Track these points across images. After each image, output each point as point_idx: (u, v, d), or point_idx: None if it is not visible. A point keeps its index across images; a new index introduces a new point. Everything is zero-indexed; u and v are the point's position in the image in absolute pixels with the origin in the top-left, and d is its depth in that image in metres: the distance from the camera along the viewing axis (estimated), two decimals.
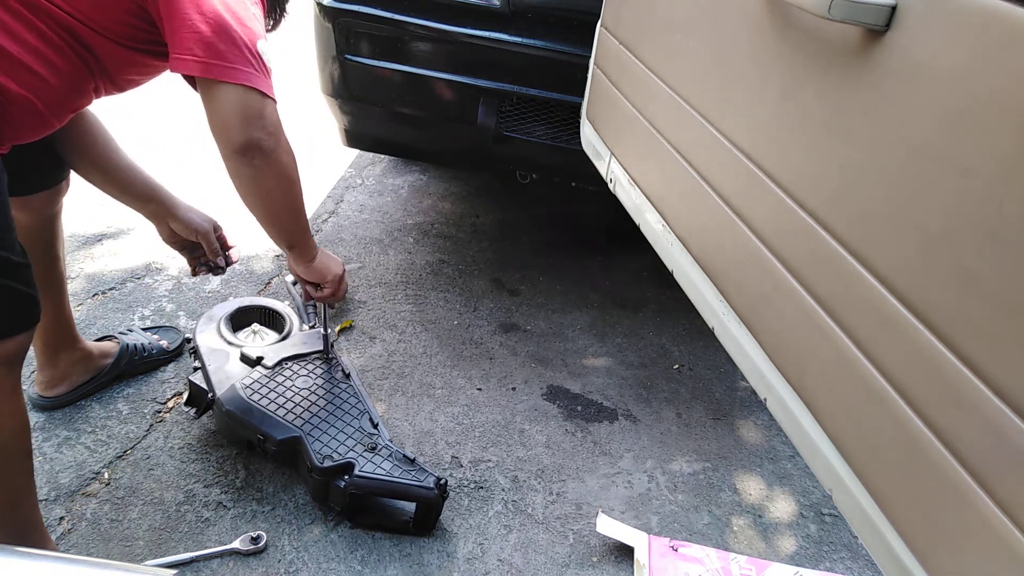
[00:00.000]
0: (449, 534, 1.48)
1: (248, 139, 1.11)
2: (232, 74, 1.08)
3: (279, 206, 1.26)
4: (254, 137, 1.12)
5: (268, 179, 1.18)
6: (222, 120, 1.11)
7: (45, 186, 1.42)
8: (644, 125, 1.31)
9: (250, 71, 1.09)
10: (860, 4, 0.70)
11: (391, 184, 2.97)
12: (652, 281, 2.48)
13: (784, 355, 0.89)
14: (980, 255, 0.60)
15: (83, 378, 1.67)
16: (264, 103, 1.12)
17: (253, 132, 1.11)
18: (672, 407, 1.93)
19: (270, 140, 1.14)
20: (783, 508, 1.65)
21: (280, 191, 1.22)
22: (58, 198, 1.48)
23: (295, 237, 1.35)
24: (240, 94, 1.09)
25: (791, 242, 0.87)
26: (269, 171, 1.17)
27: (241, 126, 1.11)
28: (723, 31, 1.04)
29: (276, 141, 1.15)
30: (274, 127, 1.14)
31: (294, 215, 1.30)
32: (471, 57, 1.93)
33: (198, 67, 1.07)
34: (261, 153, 1.13)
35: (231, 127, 1.11)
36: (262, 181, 1.18)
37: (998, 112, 0.58)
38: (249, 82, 1.09)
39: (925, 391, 0.65)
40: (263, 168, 1.15)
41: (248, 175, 1.16)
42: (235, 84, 1.08)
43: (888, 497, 0.71)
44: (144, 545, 1.37)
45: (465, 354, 2.03)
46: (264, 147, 1.13)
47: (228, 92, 1.08)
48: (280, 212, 1.27)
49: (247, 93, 1.09)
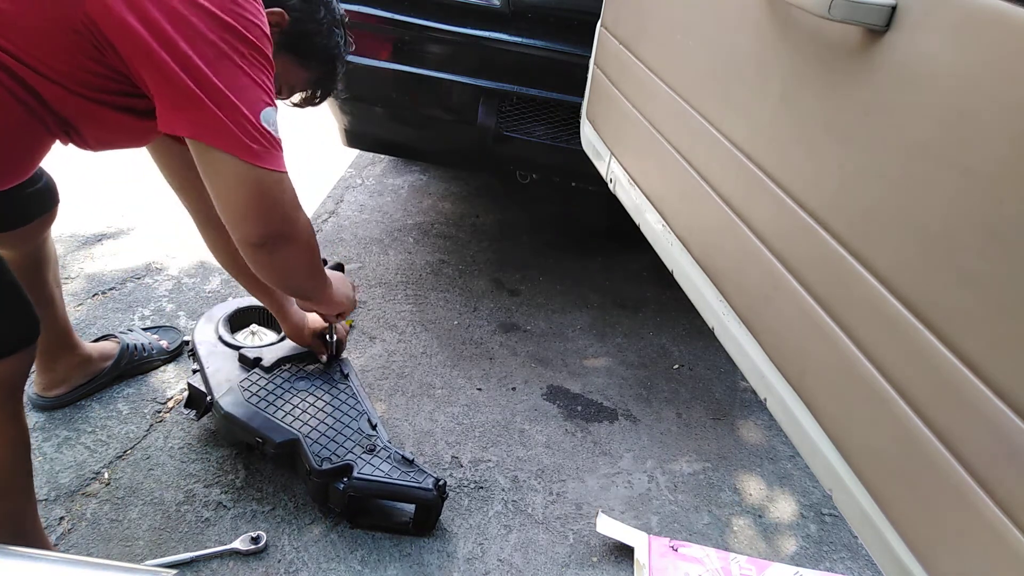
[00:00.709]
0: (449, 534, 1.48)
1: (266, 231, 0.99)
2: (231, 145, 0.93)
3: (300, 278, 1.17)
4: (272, 229, 1.00)
5: (288, 262, 1.07)
6: (231, 204, 0.97)
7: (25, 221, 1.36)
8: (644, 125, 1.31)
9: (252, 146, 0.94)
10: (860, 4, 0.70)
11: (391, 184, 2.97)
12: (652, 281, 2.48)
13: (784, 355, 0.89)
14: (980, 255, 0.60)
15: (83, 379, 1.67)
16: (278, 183, 0.98)
17: (271, 224, 0.99)
18: (672, 407, 1.93)
19: (288, 226, 1.02)
20: (783, 508, 1.65)
21: (302, 267, 1.12)
22: (43, 229, 1.43)
23: (313, 294, 1.28)
24: (247, 172, 0.94)
25: (791, 242, 0.87)
26: (289, 255, 1.06)
27: (256, 216, 0.98)
28: (723, 31, 1.04)
29: (294, 223, 1.03)
30: (292, 209, 1.02)
31: (313, 280, 1.22)
32: (471, 57, 1.93)
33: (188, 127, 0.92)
34: (282, 240, 1.02)
35: (245, 217, 0.98)
36: (282, 265, 1.08)
37: (998, 112, 0.58)
38: (254, 160, 0.94)
39: (925, 391, 0.65)
40: (283, 254, 1.04)
41: (266, 263, 1.05)
42: (238, 159, 0.93)
43: (888, 497, 0.71)
44: (144, 545, 1.37)
45: (465, 354, 2.03)
46: (284, 234, 1.02)
47: (231, 167, 0.94)
48: (302, 283, 1.20)
49: (255, 172, 0.95)
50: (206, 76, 0.89)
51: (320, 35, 1.20)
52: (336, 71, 1.28)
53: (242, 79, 0.93)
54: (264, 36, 0.98)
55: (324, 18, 1.20)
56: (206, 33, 0.90)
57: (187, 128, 0.92)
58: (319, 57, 1.22)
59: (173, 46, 0.88)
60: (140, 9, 0.87)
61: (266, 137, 0.95)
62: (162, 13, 0.88)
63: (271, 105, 0.97)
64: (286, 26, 1.13)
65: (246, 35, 0.94)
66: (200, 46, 0.89)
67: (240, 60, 0.93)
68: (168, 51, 0.88)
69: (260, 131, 0.94)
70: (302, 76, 1.24)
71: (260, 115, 0.94)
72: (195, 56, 0.89)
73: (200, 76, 0.89)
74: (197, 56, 0.89)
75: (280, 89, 1.21)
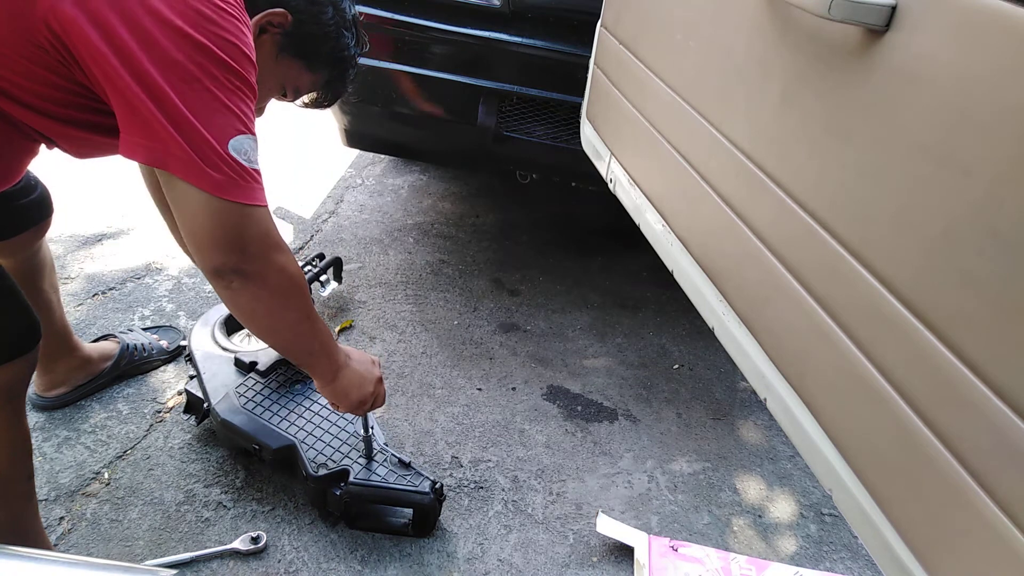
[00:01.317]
0: (449, 534, 1.48)
1: (223, 264, 0.92)
2: (192, 174, 0.86)
3: (267, 328, 1.06)
4: (230, 262, 0.92)
5: (252, 304, 0.99)
6: (191, 233, 0.91)
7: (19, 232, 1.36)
8: (644, 125, 1.31)
9: (215, 176, 0.87)
10: (860, 4, 0.70)
11: (391, 184, 2.97)
12: (652, 281, 2.48)
13: (784, 355, 0.89)
14: (980, 255, 0.60)
15: (83, 379, 1.67)
16: (245, 216, 0.91)
17: (229, 256, 0.92)
18: (672, 407, 1.93)
19: (249, 263, 0.93)
20: (783, 508, 1.65)
21: (268, 314, 1.02)
22: (37, 238, 1.43)
23: (301, 359, 1.15)
24: (207, 203, 0.87)
25: (791, 242, 0.87)
26: (252, 295, 0.97)
27: (212, 247, 0.91)
28: (723, 31, 1.04)
29: (260, 261, 0.95)
30: (259, 244, 0.94)
31: (292, 336, 1.08)
32: (471, 57, 1.93)
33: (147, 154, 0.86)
34: (241, 277, 0.94)
35: (202, 247, 0.91)
36: (245, 305, 0.99)
37: (998, 112, 0.58)
38: (216, 191, 0.87)
39: (925, 391, 0.65)
40: (245, 293, 0.96)
41: (226, 298, 0.98)
42: (198, 189, 0.87)
43: (888, 497, 0.71)
44: (144, 545, 1.37)
45: (465, 354, 2.03)
46: (243, 271, 0.94)
47: (192, 197, 0.87)
48: (271, 333, 1.07)
49: (216, 203, 0.88)
50: (170, 100, 0.84)
51: (327, 37, 1.14)
52: (346, 74, 1.22)
53: (210, 104, 0.87)
54: (244, 57, 0.91)
55: (332, 19, 1.13)
56: (173, 54, 0.84)
57: (146, 155, 0.86)
58: (326, 60, 1.16)
59: (137, 67, 0.83)
60: (105, 25, 0.82)
61: (233, 167, 0.88)
62: (128, 31, 0.83)
63: (245, 133, 0.90)
64: (289, 27, 1.08)
65: (221, 56, 0.87)
66: (166, 68, 0.83)
67: (211, 84, 0.86)
68: (131, 72, 0.83)
69: (227, 161, 0.88)
70: (307, 79, 1.18)
71: (228, 144, 0.88)
72: (159, 79, 0.83)
73: (164, 100, 0.83)
74: (162, 79, 0.83)
75: (285, 92, 1.18)
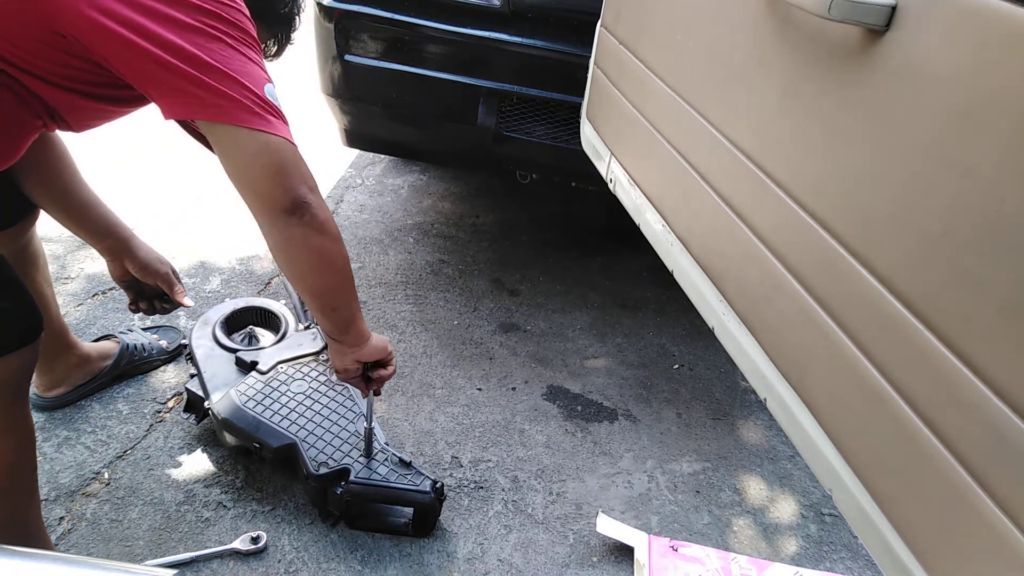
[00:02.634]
0: (449, 534, 1.48)
1: (296, 196, 0.98)
2: (243, 117, 0.93)
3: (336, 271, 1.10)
4: (300, 193, 0.98)
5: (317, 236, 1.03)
6: (254, 174, 0.97)
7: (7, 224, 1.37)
8: (644, 125, 1.31)
9: (265, 116, 0.95)
10: (860, 4, 0.70)
11: (391, 184, 2.97)
12: (652, 281, 2.48)
13: (784, 355, 0.89)
14: (980, 255, 0.60)
15: (82, 379, 1.67)
16: (294, 151, 0.99)
17: (299, 186, 0.98)
18: (672, 407, 1.93)
19: (314, 194, 1.01)
20: (783, 508, 1.65)
21: (331, 249, 1.06)
22: (25, 231, 1.42)
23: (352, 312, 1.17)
24: (264, 140, 0.95)
25: (791, 242, 0.87)
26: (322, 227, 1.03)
27: (283, 179, 0.97)
28: (723, 31, 1.04)
29: (318, 194, 1.03)
30: (311, 178, 1.02)
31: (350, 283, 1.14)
32: (471, 57, 1.93)
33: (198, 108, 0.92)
34: (311, 209, 1.00)
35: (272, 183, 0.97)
36: (318, 244, 1.03)
37: (998, 112, 0.58)
38: (270, 129, 0.95)
39: (925, 391, 0.65)
40: (316, 226, 1.01)
41: (300, 235, 1.01)
42: (252, 129, 0.94)
43: (888, 497, 0.71)
44: (144, 545, 1.37)
45: (465, 354, 2.03)
46: (311, 203, 1.00)
47: (247, 138, 0.94)
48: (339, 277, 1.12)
49: (271, 139, 0.95)
50: (202, 59, 0.91)
51: (283, 2, 1.25)
52: (292, 28, 1.32)
53: (238, 57, 0.95)
54: (246, 18, 1.00)
55: None
56: (190, 22, 0.92)
57: (195, 110, 0.93)
58: (279, 19, 1.26)
59: (163, 40, 0.90)
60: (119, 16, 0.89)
61: (275, 109, 0.97)
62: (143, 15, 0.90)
63: (270, 81, 0.99)
64: None
65: (229, 19, 0.96)
66: (189, 34, 0.92)
67: (232, 41, 0.95)
68: (159, 46, 0.90)
69: (269, 104, 0.97)
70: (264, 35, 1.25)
71: (263, 88, 0.97)
72: (187, 44, 0.91)
73: (197, 60, 0.91)
74: (189, 44, 0.91)
75: None
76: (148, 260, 1.44)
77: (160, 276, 1.46)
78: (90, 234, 1.40)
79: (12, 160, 1.09)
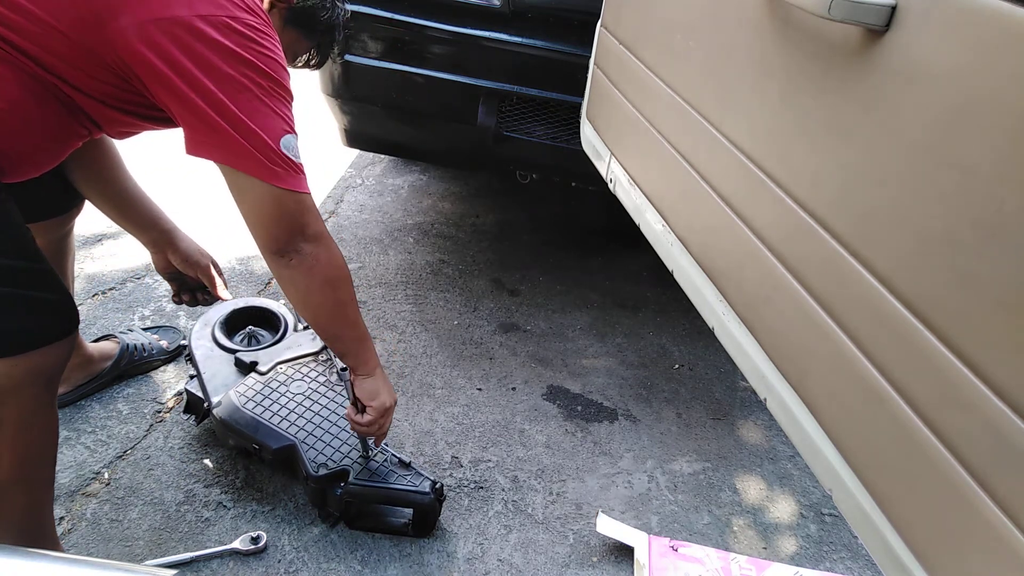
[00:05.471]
0: (449, 534, 1.48)
1: (286, 239, 1.09)
2: (255, 170, 1.03)
3: (324, 310, 1.21)
4: (291, 238, 1.09)
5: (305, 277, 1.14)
6: (256, 219, 1.08)
7: (55, 213, 1.42)
8: (644, 125, 1.31)
9: (275, 170, 1.04)
10: (860, 4, 0.70)
11: (391, 184, 2.97)
12: (652, 281, 2.48)
13: (784, 355, 0.89)
14: (980, 255, 0.60)
15: (83, 379, 1.67)
16: (300, 201, 1.08)
17: (291, 232, 1.09)
18: (672, 407, 1.93)
19: (306, 240, 1.11)
20: (783, 508, 1.65)
21: (320, 289, 1.17)
22: (68, 221, 1.47)
23: (346, 346, 1.28)
24: (270, 191, 1.05)
25: (791, 242, 0.87)
26: (309, 269, 1.13)
27: (276, 225, 1.08)
28: (723, 31, 1.04)
29: (315, 237, 1.12)
30: (313, 223, 1.11)
31: (342, 322, 1.24)
32: (471, 57, 1.93)
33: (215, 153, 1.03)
34: (298, 255, 1.11)
35: (267, 228, 1.08)
36: (303, 282, 1.15)
37: (998, 112, 0.58)
38: (277, 182, 1.05)
39: (925, 391, 0.65)
40: (302, 268, 1.12)
41: (286, 275, 1.14)
42: (262, 181, 1.04)
43: (888, 497, 0.71)
44: (144, 545, 1.37)
45: (465, 354, 2.03)
46: (300, 249, 1.10)
47: (256, 188, 1.05)
48: (325, 316, 1.22)
49: (277, 191, 1.05)
50: (229, 109, 1.00)
51: (323, 9, 1.31)
52: (335, 38, 1.39)
53: (262, 110, 1.03)
54: (281, 68, 1.08)
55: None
56: (226, 70, 1.00)
57: (214, 154, 1.03)
58: (321, 28, 1.33)
59: (198, 84, 0.99)
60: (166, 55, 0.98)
61: (287, 161, 1.06)
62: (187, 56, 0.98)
63: (291, 133, 1.07)
64: (295, 3, 1.25)
65: (264, 70, 1.04)
66: (222, 82, 1.00)
67: (260, 92, 1.03)
68: (193, 89, 0.99)
69: (281, 156, 1.05)
70: (304, 45, 1.34)
71: (280, 142, 1.05)
72: (218, 92, 0.99)
73: (223, 109, 1.00)
74: (220, 92, 0.99)
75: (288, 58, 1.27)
76: (190, 252, 1.51)
77: (201, 268, 1.52)
78: (135, 226, 1.46)
79: (58, 161, 1.15)
